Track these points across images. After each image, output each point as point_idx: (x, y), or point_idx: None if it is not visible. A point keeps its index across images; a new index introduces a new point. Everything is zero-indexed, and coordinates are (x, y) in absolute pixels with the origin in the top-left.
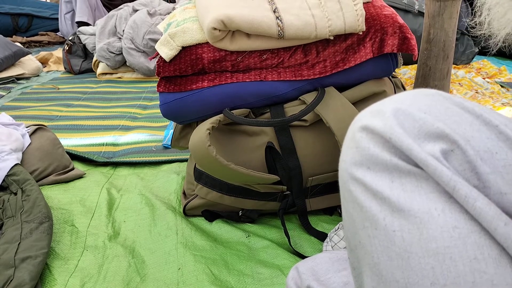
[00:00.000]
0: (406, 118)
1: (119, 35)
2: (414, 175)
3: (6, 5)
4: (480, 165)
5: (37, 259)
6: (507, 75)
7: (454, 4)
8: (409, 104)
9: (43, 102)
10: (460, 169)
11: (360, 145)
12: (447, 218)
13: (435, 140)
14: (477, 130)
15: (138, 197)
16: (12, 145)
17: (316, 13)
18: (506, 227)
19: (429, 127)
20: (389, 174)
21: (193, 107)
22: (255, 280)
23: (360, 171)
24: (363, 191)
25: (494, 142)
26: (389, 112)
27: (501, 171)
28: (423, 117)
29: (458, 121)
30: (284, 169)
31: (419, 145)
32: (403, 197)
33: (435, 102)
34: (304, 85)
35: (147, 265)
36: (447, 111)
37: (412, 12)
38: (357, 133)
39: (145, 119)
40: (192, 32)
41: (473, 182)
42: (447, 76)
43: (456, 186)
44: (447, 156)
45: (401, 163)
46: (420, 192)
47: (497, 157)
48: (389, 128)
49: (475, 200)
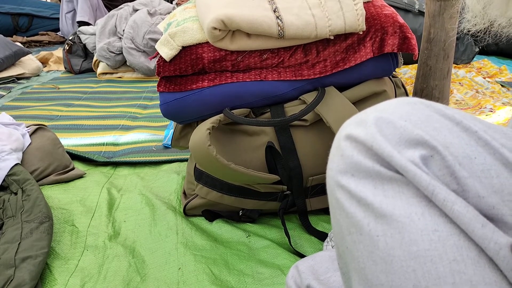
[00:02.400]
0: (387, 126)
1: (119, 34)
2: (396, 181)
3: (7, 4)
4: (459, 169)
5: (38, 259)
6: (507, 74)
7: (455, 3)
8: (391, 113)
9: (43, 102)
10: (439, 174)
11: (345, 153)
12: (427, 221)
13: (415, 146)
14: (456, 136)
15: (139, 197)
16: (12, 145)
17: (316, 13)
18: (483, 228)
19: (409, 134)
20: (372, 181)
21: (193, 107)
22: (255, 280)
23: (345, 179)
24: (348, 198)
25: (473, 148)
26: (371, 121)
27: (479, 175)
28: (404, 125)
29: (438, 128)
30: (285, 168)
31: (399, 152)
32: (385, 203)
33: (416, 110)
34: (304, 84)
35: (147, 265)
36: (427, 118)
37: (413, 12)
38: (342, 141)
39: (145, 118)
40: (192, 32)
41: (452, 186)
42: (447, 75)
43: (434, 191)
44: (427, 161)
45: (383, 170)
46: (401, 197)
47: (476, 162)
48: (370, 137)
49: (453, 203)
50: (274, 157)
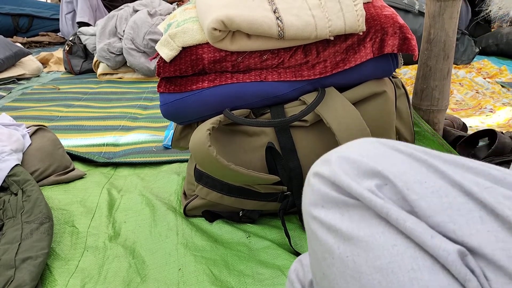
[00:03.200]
0: (347, 163)
1: (120, 35)
2: (359, 207)
3: (7, 5)
4: (408, 193)
5: (38, 259)
6: (507, 75)
7: (455, 4)
8: (350, 152)
9: (43, 102)
10: (394, 199)
11: (314, 188)
12: (387, 238)
13: (371, 177)
14: (408, 166)
15: (139, 197)
16: (13, 145)
17: (316, 14)
18: (432, 239)
19: (365, 167)
20: (339, 209)
21: (193, 107)
22: (255, 280)
23: (316, 210)
24: (320, 227)
25: (424, 174)
26: (334, 160)
27: (429, 196)
28: (361, 160)
29: (392, 161)
30: (285, 169)
31: (357, 183)
32: (351, 227)
33: (373, 148)
34: (304, 85)
35: (147, 265)
36: (382, 153)
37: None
38: (311, 178)
39: (145, 119)
40: (192, 33)
41: (405, 208)
42: (447, 76)
43: (388, 212)
44: (382, 189)
45: (347, 199)
46: (364, 220)
47: (426, 185)
48: (333, 173)
49: (405, 221)
50: (274, 158)
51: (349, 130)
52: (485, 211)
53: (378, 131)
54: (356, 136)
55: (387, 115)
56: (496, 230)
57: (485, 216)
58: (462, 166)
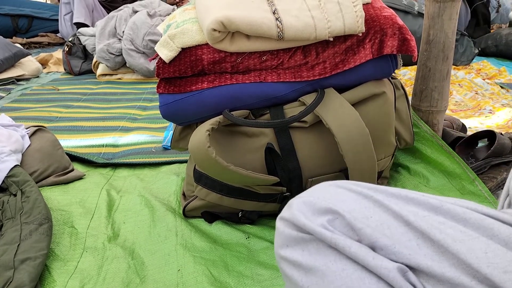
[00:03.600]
0: (304, 205)
1: (119, 36)
2: (315, 241)
3: (6, 6)
4: (355, 223)
5: (37, 260)
6: (507, 76)
7: (454, 5)
8: (308, 195)
9: (43, 103)
10: (344, 230)
11: (279, 231)
12: (338, 265)
13: (324, 214)
14: (358, 203)
15: (138, 198)
16: (12, 146)
17: (315, 15)
18: (374, 260)
19: (319, 206)
20: (300, 246)
21: (192, 108)
22: (255, 281)
23: (283, 250)
24: (287, 265)
25: (371, 209)
26: (294, 204)
27: (373, 227)
28: (316, 201)
29: (344, 199)
30: (284, 170)
31: (311, 220)
32: (309, 259)
33: (328, 190)
34: (303, 86)
35: (146, 266)
36: (336, 193)
37: (412, 13)
38: (277, 223)
39: (144, 120)
40: (191, 33)
41: (354, 237)
42: (446, 77)
43: (336, 242)
44: (333, 223)
45: (304, 235)
46: (320, 252)
47: (372, 219)
48: (292, 215)
49: (349, 247)
50: (273, 159)
51: (348, 131)
52: (422, 238)
53: (377, 132)
54: (355, 137)
55: (386, 116)
56: (431, 254)
57: (422, 243)
58: (405, 198)
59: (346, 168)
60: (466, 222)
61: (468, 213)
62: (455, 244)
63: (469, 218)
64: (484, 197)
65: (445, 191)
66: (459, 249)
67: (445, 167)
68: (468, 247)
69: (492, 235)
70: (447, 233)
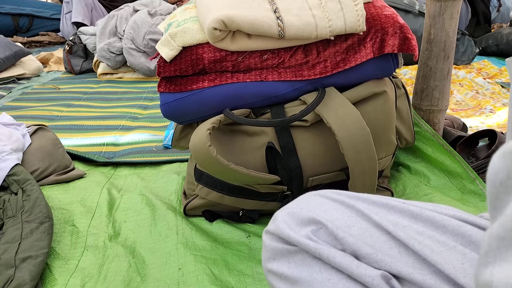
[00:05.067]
0: (288, 216)
1: (120, 35)
2: (300, 252)
3: (7, 5)
4: (338, 233)
5: (38, 259)
6: (507, 75)
7: (455, 4)
8: (293, 207)
9: (43, 102)
10: (328, 240)
11: (265, 244)
12: (323, 275)
13: (308, 224)
14: (341, 213)
15: (139, 197)
16: (13, 145)
17: (316, 14)
18: (358, 268)
19: (303, 217)
20: (286, 258)
21: (193, 107)
22: (255, 280)
23: (270, 264)
24: (274, 278)
25: (353, 218)
26: (279, 217)
27: (357, 237)
28: (300, 212)
29: (327, 209)
30: (285, 169)
31: (295, 231)
32: (296, 271)
33: (311, 200)
34: (304, 85)
35: (147, 265)
36: (320, 204)
37: (413, 12)
38: (263, 236)
39: (145, 119)
40: (192, 32)
41: (338, 247)
42: (447, 76)
43: (320, 252)
44: (317, 233)
45: (289, 247)
46: (305, 263)
47: (355, 228)
48: (277, 227)
49: (334, 257)
50: (274, 158)
51: (349, 130)
52: (403, 247)
53: (378, 131)
54: (356, 136)
55: (387, 115)
56: (412, 262)
57: (403, 251)
58: (386, 206)
59: (346, 167)
60: (444, 229)
61: (446, 220)
62: (433, 255)
63: (447, 225)
64: (485, 196)
65: (446, 190)
66: (436, 260)
67: (446, 166)
68: (445, 258)
69: (469, 242)
70: (425, 244)
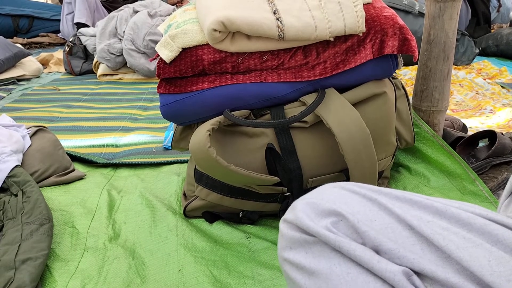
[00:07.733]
0: (308, 206)
1: (120, 36)
2: (318, 243)
3: (7, 6)
4: (359, 226)
5: (38, 260)
6: (507, 75)
7: (454, 5)
8: (313, 197)
9: (43, 103)
10: (348, 233)
11: (282, 233)
12: (342, 268)
13: (328, 216)
14: (362, 205)
15: (139, 198)
16: (13, 146)
17: (316, 15)
18: (379, 263)
19: (323, 208)
20: (303, 248)
21: (193, 108)
22: (255, 281)
23: (286, 253)
24: (290, 267)
25: (375, 212)
26: (298, 206)
27: (377, 230)
28: (320, 202)
29: (348, 201)
30: (285, 170)
31: (315, 222)
32: (313, 262)
33: (332, 191)
34: (304, 86)
35: (147, 266)
36: (340, 195)
37: (413, 13)
38: (281, 225)
39: (145, 120)
40: (192, 34)
41: (358, 240)
42: (447, 77)
43: (340, 245)
44: (337, 225)
45: (308, 237)
46: (323, 255)
47: (376, 222)
48: (295, 217)
49: (354, 250)
50: (274, 159)
51: (349, 131)
52: (426, 243)
53: (378, 132)
54: (356, 137)
55: (387, 116)
56: (435, 259)
57: (426, 248)
58: (409, 201)
59: (346, 168)
60: (470, 227)
61: (472, 218)
62: (458, 251)
63: (473, 223)
64: (485, 197)
65: (446, 191)
66: (462, 257)
67: (445, 167)
68: (471, 254)
69: (496, 241)
70: (451, 239)
